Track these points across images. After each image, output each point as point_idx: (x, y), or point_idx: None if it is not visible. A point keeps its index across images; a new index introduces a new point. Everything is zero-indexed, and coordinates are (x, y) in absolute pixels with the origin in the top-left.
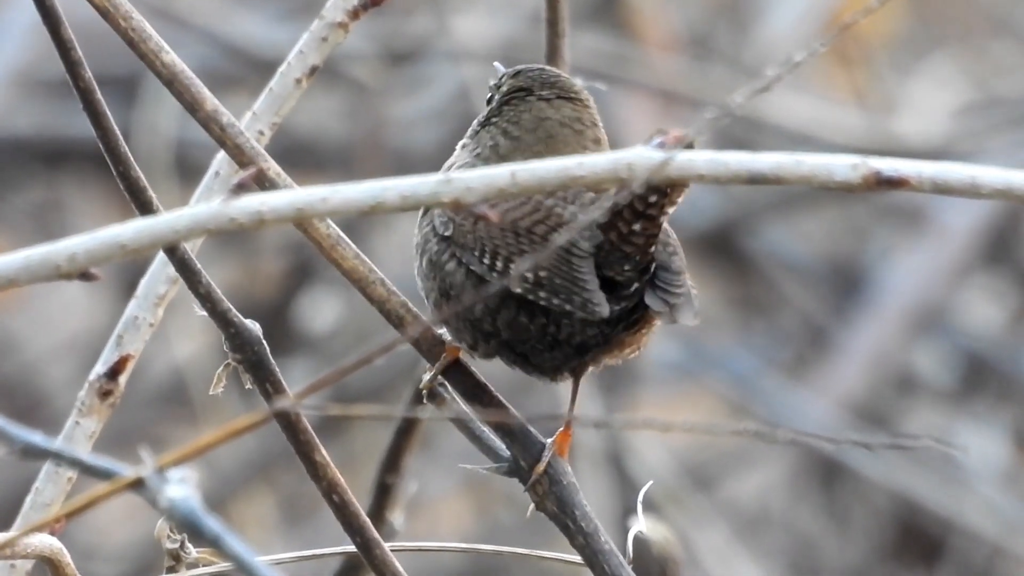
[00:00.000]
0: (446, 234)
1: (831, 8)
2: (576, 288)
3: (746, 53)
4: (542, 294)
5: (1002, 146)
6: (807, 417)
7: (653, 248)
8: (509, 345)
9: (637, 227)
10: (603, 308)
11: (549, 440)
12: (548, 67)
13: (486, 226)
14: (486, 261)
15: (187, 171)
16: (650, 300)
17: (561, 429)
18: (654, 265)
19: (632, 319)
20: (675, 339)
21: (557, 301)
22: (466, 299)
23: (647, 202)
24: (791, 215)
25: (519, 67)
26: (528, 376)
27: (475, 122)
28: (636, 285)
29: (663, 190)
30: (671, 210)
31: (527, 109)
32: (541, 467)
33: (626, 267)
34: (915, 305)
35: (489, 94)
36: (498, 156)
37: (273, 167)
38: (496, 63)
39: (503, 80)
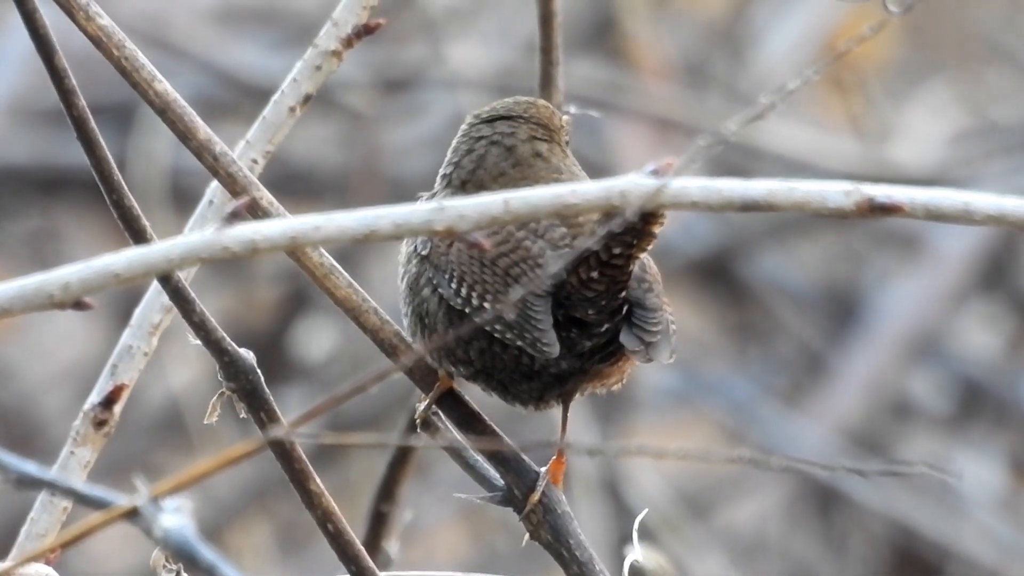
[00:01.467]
0: (423, 253)
1: (826, 36)
2: (528, 326)
3: (742, 81)
4: (497, 327)
5: (997, 173)
6: (803, 444)
7: (621, 292)
8: (486, 373)
9: (595, 275)
10: (553, 348)
11: (543, 469)
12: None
13: (457, 250)
14: (453, 286)
15: (182, 199)
16: (625, 339)
17: (554, 457)
18: (625, 306)
19: (608, 351)
20: (671, 366)
21: (510, 336)
22: (437, 327)
23: (611, 252)
24: (787, 242)
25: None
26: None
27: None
28: (607, 325)
29: (629, 243)
30: (638, 258)
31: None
32: (535, 497)
33: (590, 311)
34: (911, 331)
35: None
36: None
37: (266, 196)
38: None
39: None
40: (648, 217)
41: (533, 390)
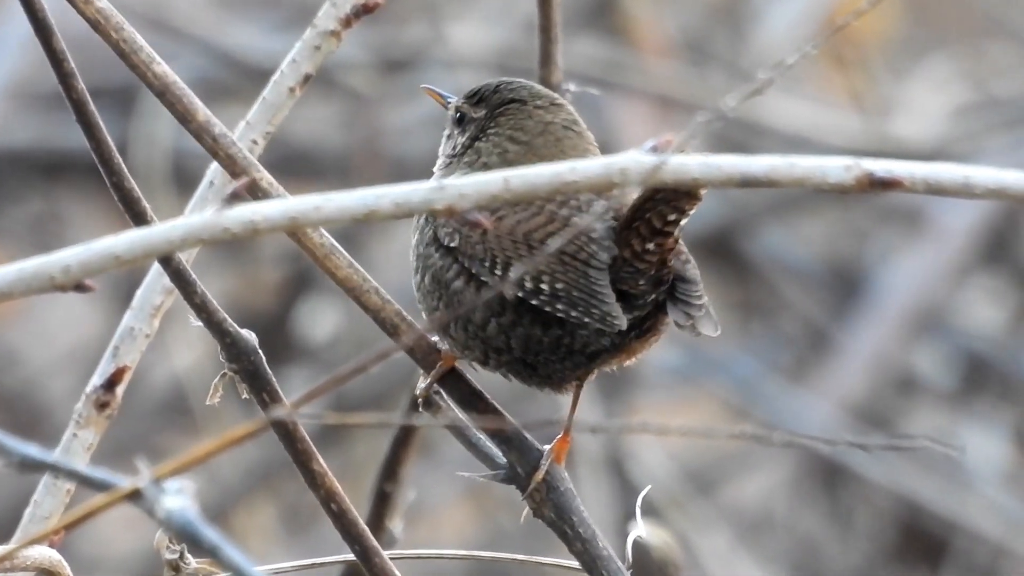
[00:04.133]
0: (452, 245)
1: (826, 11)
2: (595, 301)
3: (742, 57)
4: (559, 306)
5: (999, 147)
6: (808, 420)
7: (669, 263)
8: (521, 359)
9: (651, 245)
10: (621, 321)
11: (547, 447)
12: (521, 80)
13: (496, 237)
14: (498, 272)
15: (183, 181)
16: (673, 313)
17: (559, 436)
18: (671, 276)
19: (644, 327)
20: (675, 343)
21: (575, 314)
22: (473, 309)
23: (665, 219)
24: (790, 218)
25: (489, 83)
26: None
27: (452, 142)
28: (651, 296)
29: (681, 207)
30: (684, 224)
31: (527, 116)
32: (539, 475)
33: (640, 282)
34: (915, 306)
35: (458, 114)
36: (507, 163)
37: (266, 177)
38: (429, 88)
39: (479, 97)
40: None
41: (567, 368)
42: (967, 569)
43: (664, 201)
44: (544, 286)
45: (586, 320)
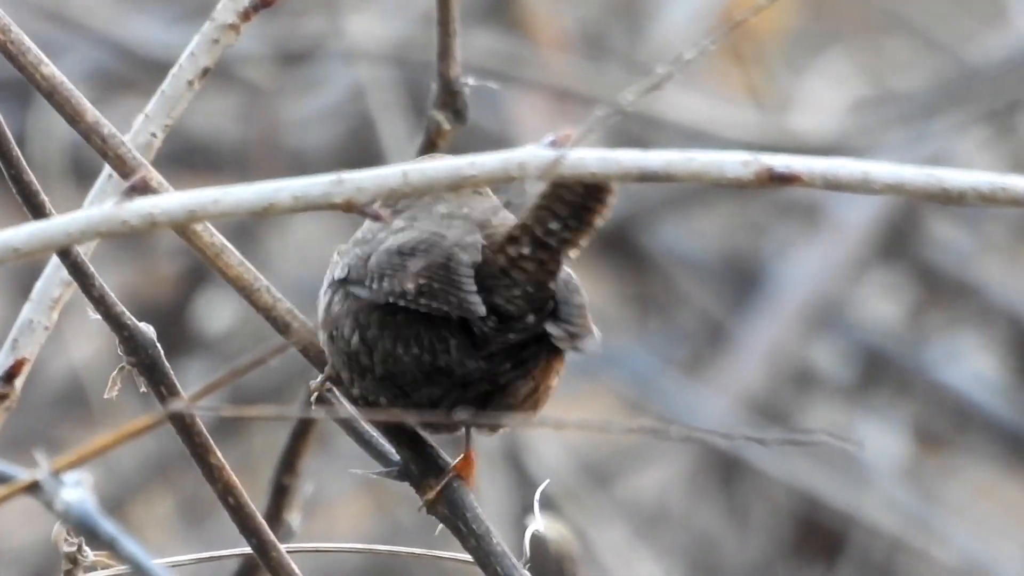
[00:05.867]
0: (341, 277)
1: (724, 6)
2: (452, 289)
3: (640, 52)
4: (422, 300)
5: (897, 142)
6: (705, 414)
7: (550, 281)
8: (388, 380)
9: (526, 250)
10: (478, 307)
11: (451, 465)
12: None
13: (377, 256)
14: (373, 285)
15: (82, 173)
16: (550, 327)
17: (462, 456)
18: (551, 301)
19: (522, 357)
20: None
21: (436, 304)
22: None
23: (545, 227)
24: (687, 212)
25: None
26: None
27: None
28: (530, 317)
29: (566, 222)
30: (577, 246)
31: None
32: (432, 495)
33: (515, 293)
34: (812, 300)
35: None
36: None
37: (155, 177)
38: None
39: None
40: (595, 192)
41: (434, 395)
42: (864, 563)
43: (547, 208)
44: (409, 286)
45: (444, 309)
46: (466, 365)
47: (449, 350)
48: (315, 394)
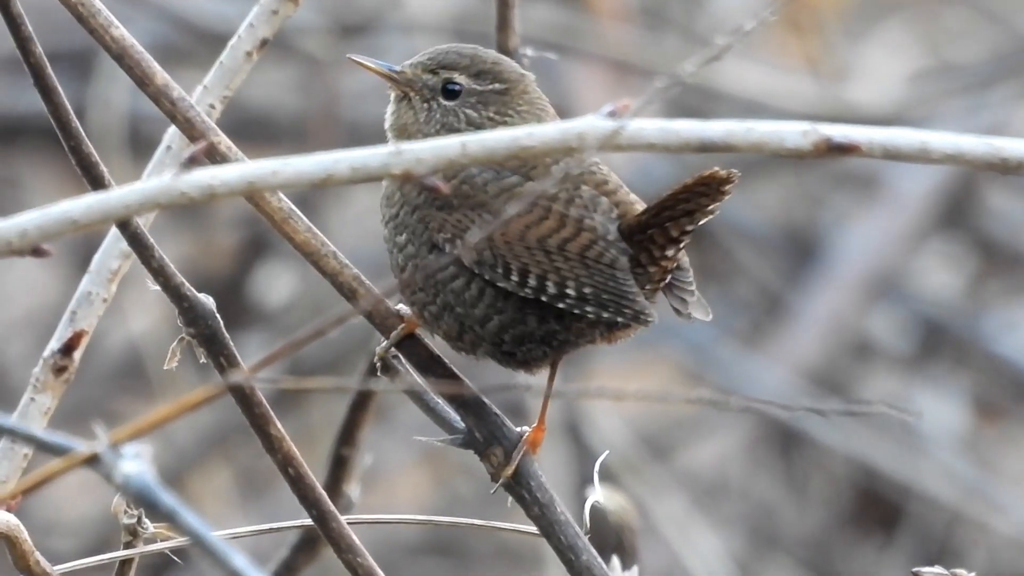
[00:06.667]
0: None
1: None
2: (626, 301)
3: (699, 22)
4: (589, 308)
5: (954, 112)
6: (763, 384)
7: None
8: (507, 352)
9: (670, 252)
10: (653, 316)
11: (524, 432)
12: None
13: (506, 243)
14: (514, 278)
15: (140, 146)
16: (670, 300)
17: (534, 425)
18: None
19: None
20: None
21: (607, 315)
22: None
23: (683, 229)
24: (746, 183)
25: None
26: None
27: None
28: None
29: (694, 216)
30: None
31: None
32: (509, 470)
33: (647, 286)
34: (871, 271)
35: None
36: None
37: (224, 141)
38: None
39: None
40: (721, 180)
41: (548, 356)
42: (922, 534)
43: (685, 212)
44: (570, 290)
45: (619, 320)
46: (595, 333)
47: (584, 325)
48: (380, 360)
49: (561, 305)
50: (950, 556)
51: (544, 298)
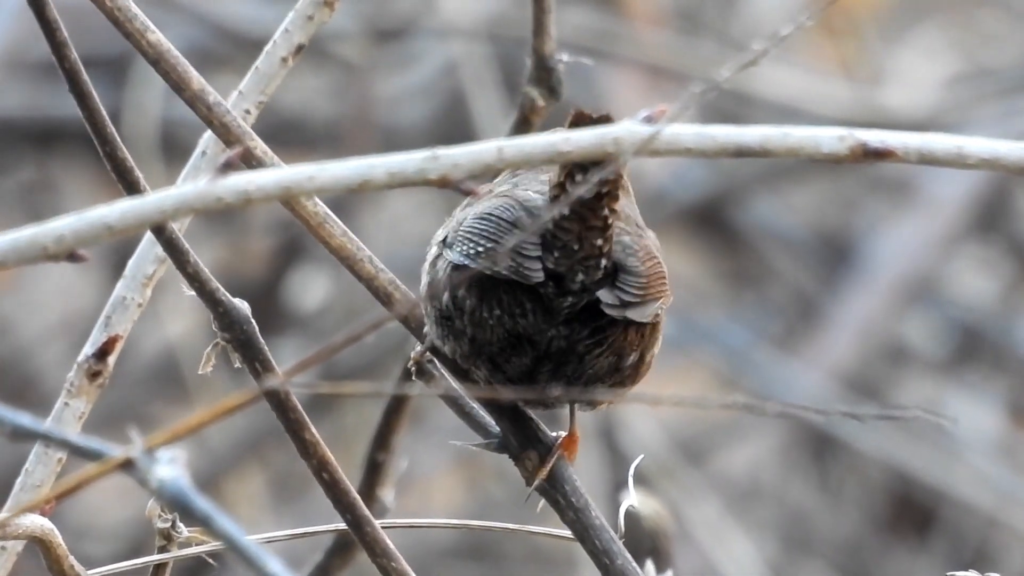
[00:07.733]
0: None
1: None
2: (513, 254)
3: (734, 27)
4: (485, 263)
5: (990, 116)
6: (798, 389)
7: (597, 240)
8: (477, 348)
9: (566, 211)
10: (537, 273)
11: (558, 441)
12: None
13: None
14: (458, 248)
15: (175, 151)
16: (602, 294)
17: (566, 434)
18: (601, 263)
19: (596, 325)
20: (666, 313)
21: (504, 272)
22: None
23: (572, 178)
24: (780, 188)
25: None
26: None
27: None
28: (581, 277)
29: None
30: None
31: None
32: (543, 473)
33: (555, 254)
34: (906, 276)
35: None
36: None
37: (260, 146)
38: None
39: None
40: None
41: (524, 366)
42: (956, 539)
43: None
44: (481, 248)
45: (504, 273)
46: (544, 331)
47: (526, 314)
48: (415, 364)
49: (472, 264)
50: (984, 561)
51: (468, 262)
